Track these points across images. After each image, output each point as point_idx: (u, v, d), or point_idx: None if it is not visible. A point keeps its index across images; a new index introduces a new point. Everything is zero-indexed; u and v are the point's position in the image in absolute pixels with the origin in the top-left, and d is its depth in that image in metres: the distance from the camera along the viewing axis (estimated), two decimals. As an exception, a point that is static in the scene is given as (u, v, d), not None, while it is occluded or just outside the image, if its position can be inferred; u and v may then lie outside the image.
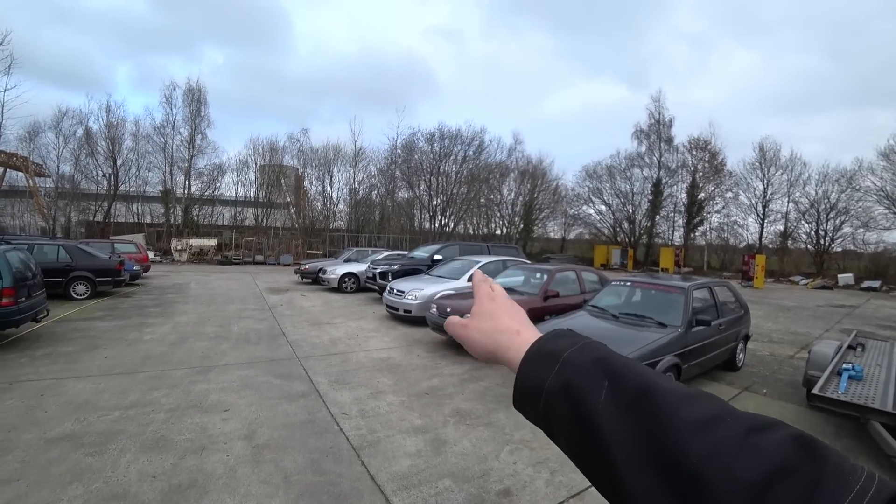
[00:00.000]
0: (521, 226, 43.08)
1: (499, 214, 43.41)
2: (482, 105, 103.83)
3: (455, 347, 7.63)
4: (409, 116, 72.15)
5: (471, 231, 42.21)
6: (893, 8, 66.75)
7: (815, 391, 4.56)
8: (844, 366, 5.27)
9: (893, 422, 3.98)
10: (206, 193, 35.89)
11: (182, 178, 34.42)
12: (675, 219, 41.01)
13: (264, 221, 37.50)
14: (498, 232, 43.23)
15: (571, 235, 47.55)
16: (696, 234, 40.28)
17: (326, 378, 5.86)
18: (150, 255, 22.65)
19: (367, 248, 19.64)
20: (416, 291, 9.44)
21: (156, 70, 66.93)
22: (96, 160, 32.84)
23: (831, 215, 33.53)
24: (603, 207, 43.43)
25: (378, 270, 12.62)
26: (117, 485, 3.22)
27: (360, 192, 40.19)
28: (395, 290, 9.89)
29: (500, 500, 3.27)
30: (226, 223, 37.20)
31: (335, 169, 39.35)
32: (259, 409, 4.74)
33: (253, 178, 39.13)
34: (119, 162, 33.03)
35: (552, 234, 47.59)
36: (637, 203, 41.53)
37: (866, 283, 26.56)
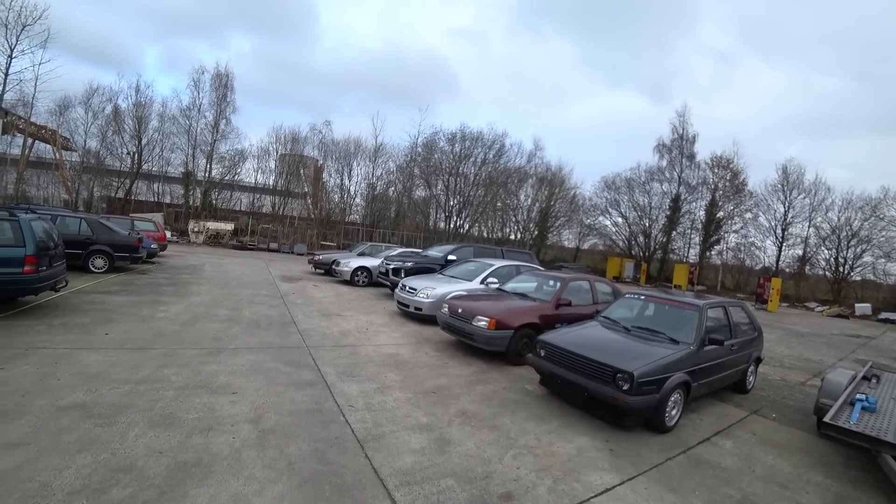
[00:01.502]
0: (536, 232, 42.88)
1: (514, 219, 43.25)
2: (503, 109, 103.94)
3: (464, 348, 7.63)
4: (430, 116, 72.43)
5: (485, 234, 42.08)
6: None
7: (826, 419, 4.49)
8: (858, 396, 5.19)
9: None
10: (227, 178, 36.37)
11: (204, 161, 35.00)
12: (692, 236, 40.45)
13: (281, 210, 37.83)
14: (512, 237, 43.10)
15: (585, 245, 47.28)
16: (712, 252, 39.74)
17: (334, 369, 5.89)
18: (168, 234, 22.99)
19: (381, 244, 19.73)
20: (429, 290, 9.44)
21: (183, 54, 68.25)
22: (122, 138, 33.51)
23: (852, 243, 32.81)
24: (619, 219, 43.02)
25: (391, 266, 12.64)
26: (125, 457, 3.27)
27: (378, 188, 40.40)
28: (407, 288, 9.91)
29: (502, 503, 3.26)
30: (243, 209, 37.63)
31: (354, 162, 39.58)
32: (267, 394, 4.78)
33: (273, 166, 39.55)
34: (144, 141, 33.61)
35: (566, 243, 47.38)
36: (654, 217, 41.09)
37: (884, 315, 25.93)
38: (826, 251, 34.36)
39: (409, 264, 12.43)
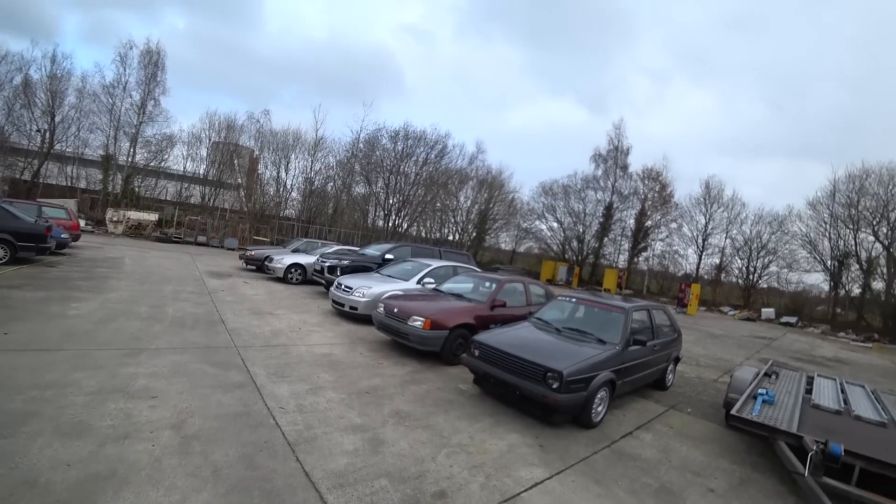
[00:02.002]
0: (474, 234, 43.50)
1: (453, 220, 43.64)
2: (447, 109, 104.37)
3: (398, 348, 7.62)
4: (374, 112, 71.19)
5: (423, 234, 42.17)
6: (833, 73, 72.86)
7: (732, 412, 4.96)
8: (760, 391, 5.72)
9: (797, 442, 4.35)
10: (152, 164, 33.86)
11: (127, 144, 32.28)
12: (622, 242, 42.92)
13: (212, 201, 35.91)
14: (451, 237, 43.40)
15: (522, 248, 48.72)
16: (640, 258, 42.43)
17: (265, 370, 5.69)
18: (82, 223, 21.22)
19: (317, 240, 19.21)
20: (365, 289, 9.33)
21: (109, 25, 62.56)
22: (32, 113, 30.28)
23: (761, 254, 36.54)
24: (555, 224, 44.72)
25: (327, 264, 12.36)
26: (27, 471, 2.99)
27: (316, 183, 39.30)
28: (342, 286, 9.74)
29: (435, 502, 3.30)
30: (169, 198, 35.35)
31: (293, 155, 38.13)
32: (191, 397, 4.55)
33: (205, 154, 37.48)
34: (58, 118, 30.60)
35: (503, 246, 48.49)
36: (588, 224, 42.99)
37: (785, 319, 28.99)
38: (739, 260, 37.97)
39: (346, 262, 12.23)
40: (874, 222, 30.61)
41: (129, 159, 32.31)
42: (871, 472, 4.13)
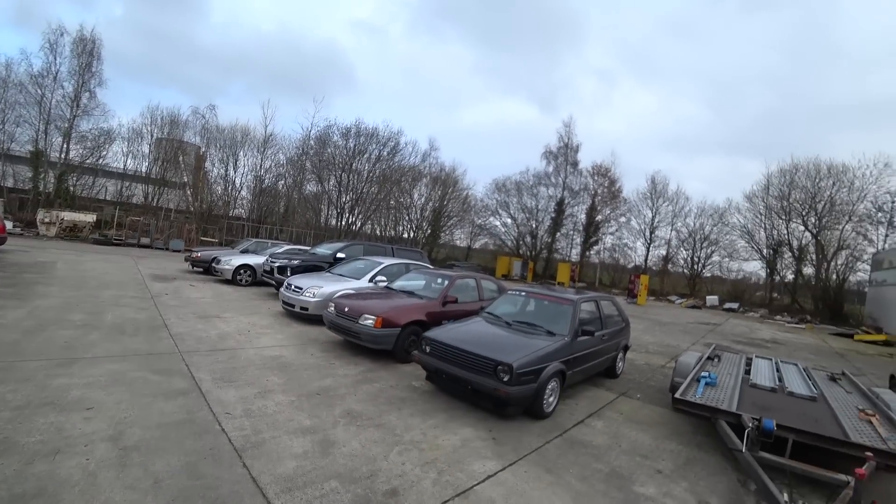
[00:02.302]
0: (429, 231, 43.51)
1: (408, 218, 43.50)
2: (399, 107, 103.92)
3: (351, 348, 7.54)
4: (325, 108, 69.43)
5: (378, 232, 41.82)
6: (762, 75, 77.58)
7: (676, 395, 5.22)
8: (702, 374, 6.02)
9: (736, 420, 4.62)
10: (88, 161, 31.81)
11: (60, 139, 30.17)
12: (574, 237, 44.37)
13: (155, 201, 34.23)
14: (405, 235, 43.26)
15: (477, 245, 49.29)
16: (592, 252, 44.11)
17: (210, 375, 5.50)
18: (9, 225, 19.79)
19: (267, 240, 18.68)
20: (315, 289, 9.16)
21: (36, 8, 58.08)
22: (-53, 103, 27.78)
23: (704, 245, 38.89)
24: (509, 220, 45.48)
25: (276, 264, 12.06)
26: (-59, 493, 2.78)
27: (267, 181, 38.22)
28: (292, 287, 9.53)
29: (387, 501, 3.29)
30: (109, 198, 33.41)
31: (241, 153, 36.98)
32: (130, 407, 4.33)
33: (147, 150, 35.69)
34: (-22, 110, 28.22)
35: (458, 242, 48.80)
36: (541, 219, 44.03)
37: (727, 305, 30.87)
38: (684, 251, 40.29)
39: (296, 262, 11.97)
40: (803, 213, 33.16)
41: (63, 156, 30.27)
42: (804, 444, 4.42)
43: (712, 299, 31.93)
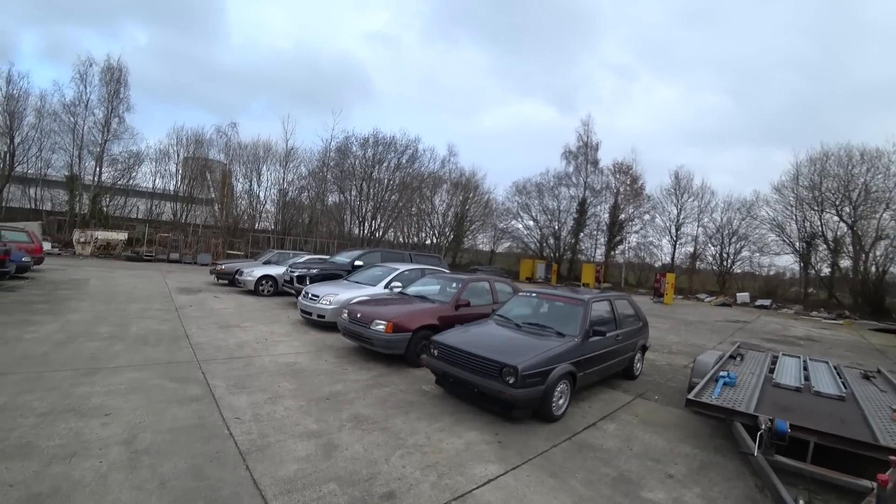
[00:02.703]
0: (452, 236, 43.66)
1: (429, 224, 43.78)
2: (417, 114, 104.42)
3: (365, 354, 7.64)
4: (344, 120, 70.72)
5: (401, 239, 42.23)
6: (789, 61, 75.32)
7: (690, 396, 5.01)
8: (721, 373, 5.79)
9: (752, 422, 4.40)
10: (120, 183, 33.31)
11: (93, 163, 31.78)
12: (598, 237, 43.57)
13: (184, 217, 35.42)
14: (428, 241, 43.56)
15: (500, 248, 49.04)
16: (616, 252, 43.13)
17: (225, 382, 5.66)
18: (47, 246, 20.74)
19: (289, 251, 19.09)
20: (331, 296, 9.33)
21: (67, 42, 60.86)
22: (-11, 135, 29.43)
23: (733, 240, 37.43)
24: (531, 223, 45.16)
25: (296, 274, 12.34)
26: (-36, 494, 2.96)
27: (290, 193, 39.12)
28: (309, 295, 9.73)
29: (383, 503, 3.34)
30: (140, 216, 34.76)
31: (264, 167, 38.12)
32: (145, 412, 4.51)
33: (174, 169, 36.99)
34: (17, 139, 29.92)
35: (482, 247, 48.78)
36: (563, 220, 43.52)
37: (759, 302, 29.74)
38: (712, 247, 38.84)
39: (314, 271, 12.19)
40: (837, 202, 31.28)
41: (96, 178, 31.76)
42: (832, 447, 4.20)
43: (743, 296, 30.87)
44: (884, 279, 29.11)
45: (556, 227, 43.68)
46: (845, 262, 31.89)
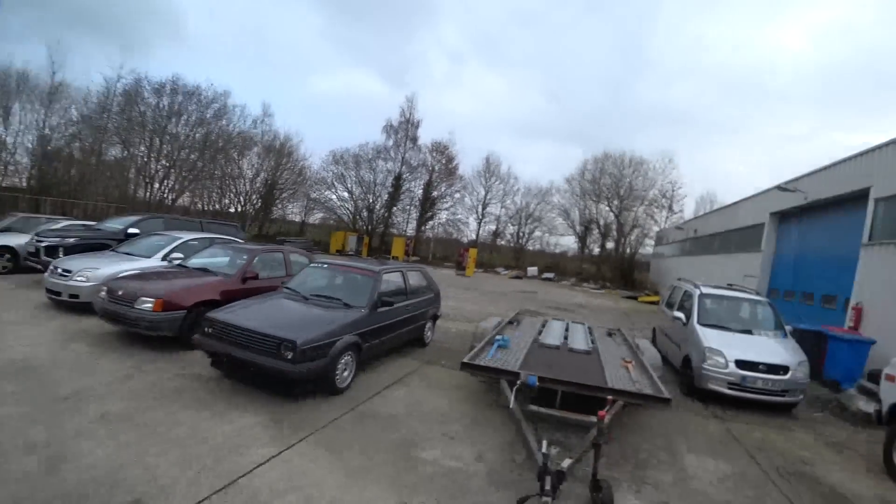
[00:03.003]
0: (260, 205, 40.62)
1: (234, 190, 39.92)
2: (237, 69, 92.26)
3: (128, 338, 6.62)
4: (140, 60, 57.44)
5: (201, 206, 37.60)
6: (595, 78, 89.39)
7: (465, 360, 5.43)
8: (497, 337, 6.41)
9: (515, 378, 4.92)
10: None
11: None
12: (411, 211, 45.77)
13: None
14: (232, 209, 39.70)
15: (312, 220, 48.00)
16: (427, 227, 46.28)
17: None
18: None
19: (41, 216, 15.38)
20: (89, 272, 7.74)
21: None
22: None
23: (529, 221, 45.29)
24: (346, 194, 44.70)
25: (44, 244, 9.96)
26: None
27: (53, 142, 31.06)
28: (59, 270, 7.92)
29: (123, 514, 2.92)
30: None
31: (17, 104, 29.23)
32: None
33: None
34: None
35: (293, 217, 46.80)
36: (378, 193, 44.11)
37: (546, 275, 35.70)
38: (511, 227, 46.23)
39: (72, 240, 10.01)
40: (609, 196, 41.78)
41: None
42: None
43: (532, 270, 36.33)
44: (634, 258, 39.80)
45: (371, 200, 43.92)
46: (610, 244, 42.44)
